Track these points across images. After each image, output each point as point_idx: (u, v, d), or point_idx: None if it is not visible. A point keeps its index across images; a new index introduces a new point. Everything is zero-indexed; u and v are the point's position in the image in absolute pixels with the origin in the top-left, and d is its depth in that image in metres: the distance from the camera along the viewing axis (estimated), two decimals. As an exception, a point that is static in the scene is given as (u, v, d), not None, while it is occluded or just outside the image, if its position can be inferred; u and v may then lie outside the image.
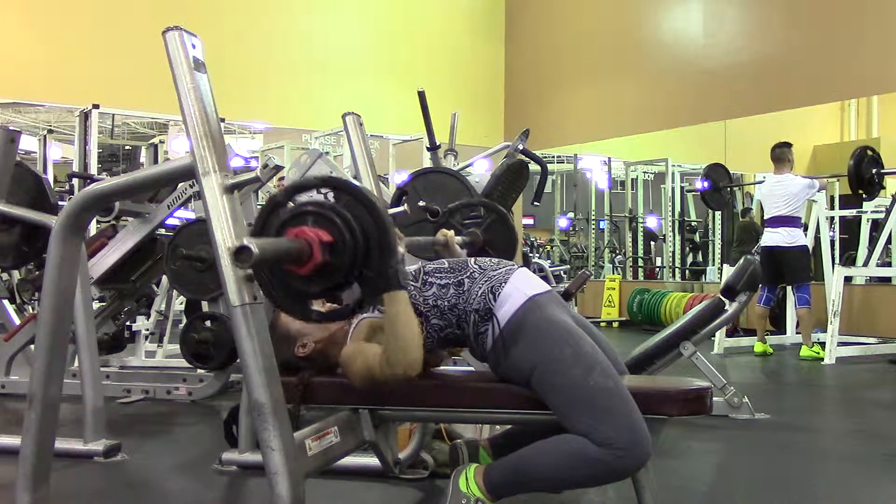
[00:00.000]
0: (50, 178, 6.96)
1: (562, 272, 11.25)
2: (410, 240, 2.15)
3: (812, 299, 6.00)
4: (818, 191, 6.46)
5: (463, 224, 2.63)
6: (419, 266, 2.01)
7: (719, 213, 9.73)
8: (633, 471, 1.74)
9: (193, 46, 1.66)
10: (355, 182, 1.50)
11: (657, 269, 11.44)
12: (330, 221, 1.45)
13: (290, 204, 1.54)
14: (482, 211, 2.68)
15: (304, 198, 1.54)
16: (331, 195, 1.53)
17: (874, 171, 5.91)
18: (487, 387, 1.92)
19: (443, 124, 3.88)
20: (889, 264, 7.08)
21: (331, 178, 1.51)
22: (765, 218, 6.36)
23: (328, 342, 1.97)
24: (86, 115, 6.96)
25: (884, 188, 6.42)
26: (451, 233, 2.36)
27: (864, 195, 6.06)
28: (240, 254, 1.31)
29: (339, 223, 1.44)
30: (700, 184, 7.12)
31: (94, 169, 6.93)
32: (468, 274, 1.93)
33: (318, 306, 2.01)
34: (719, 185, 7.00)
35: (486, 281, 1.90)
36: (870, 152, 5.96)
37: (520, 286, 1.90)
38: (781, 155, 6.15)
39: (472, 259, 2.00)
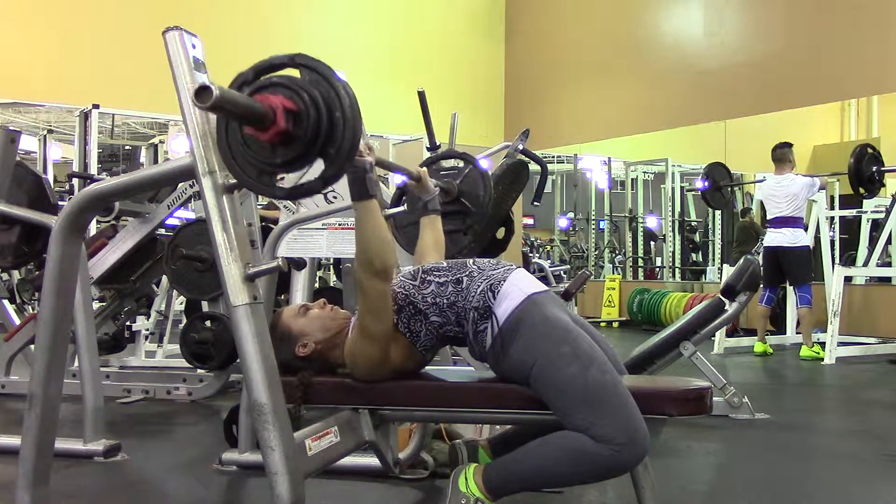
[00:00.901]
0: (50, 178, 6.97)
1: (562, 272, 11.25)
2: (380, 158, 2.14)
3: (812, 299, 6.00)
4: (819, 190, 6.46)
5: (437, 173, 2.62)
6: (418, 266, 2.02)
7: (719, 213, 9.72)
8: (631, 466, 1.75)
9: (193, 46, 1.66)
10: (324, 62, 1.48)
11: (657, 269, 11.44)
12: (294, 92, 1.44)
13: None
14: (464, 164, 2.66)
15: None
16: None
17: (874, 168, 5.91)
18: (487, 387, 1.92)
19: (443, 124, 3.87)
20: (889, 264, 7.07)
21: (300, 55, 1.50)
22: (767, 218, 6.37)
23: (329, 344, 1.98)
24: (86, 115, 6.96)
25: (884, 186, 6.42)
26: (425, 169, 2.36)
27: (864, 193, 6.06)
28: (200, 93, 1.28)
29: (305, 95, 1.43)
30: (700, 183, 7.12)
31: (94, 169, 6.93)
32: (467, 273, 1.94)
33: (318, 309, 2.03)
34: (720, 184, 7.00)
35: (484, 279, 1.91)
36: (870, 150, 5.96)
37: (518, 284, 1.91)
38: (782, 156, 6.15)
39: (471, 259, 2.01)
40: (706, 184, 6.94)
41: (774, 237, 6.09)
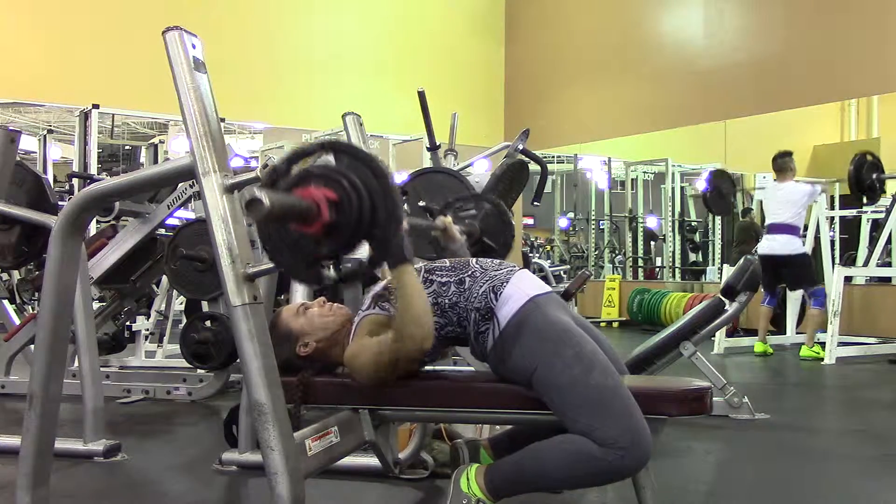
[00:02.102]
0: (50, 178, 6.96)
1: (562, 272, 11.26)
2: (410, 220, 2.15)
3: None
4: (820, 193, 6.46)
5: (458, 217, 2.64)
6: (420, 265, 2.01)
7: (720, 213, 9.73)
8: (634, 470, 1.74)
9: (193, 46, 1.66)
10: (355, 143, 1.49)
11: (657, 269, 11.44)
12: (334, 181, 1.44)
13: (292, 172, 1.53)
14: (479, 205, 2.69)
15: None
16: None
17: (874, 175, 5.91)
18: (487, 387, 1.91)
19: (443, 124, 3.88)
20: (889, 264, 7.07)
21: (330, 140, 1.50)
22: (765, 224, 6.36)
23: (330, 342, 1.97)
24: (86, 115, 6.96)
25: (884, 192, 6.43)
26: (449, 218, 2.36)
27: (865, 200, 6.06)
28: (251, 205, 1.28)
29: (344, 182, 1.44)
30: (702, 184, 7.12)
31: (94, 169, 6.93)
32: (469, 273, 1.93)
33: (318, 307, 2.03)
34: (723, 191, 6.98)
35: (487, 280, 1.90)
36: (869, 157, 5.96)
37: (521, 286, 1.90)
38: (783, 165, 6.13)
39: (474, 259, 2.01)
40: (710, 190, 6.94)
41: (770, 245, 6.05)
